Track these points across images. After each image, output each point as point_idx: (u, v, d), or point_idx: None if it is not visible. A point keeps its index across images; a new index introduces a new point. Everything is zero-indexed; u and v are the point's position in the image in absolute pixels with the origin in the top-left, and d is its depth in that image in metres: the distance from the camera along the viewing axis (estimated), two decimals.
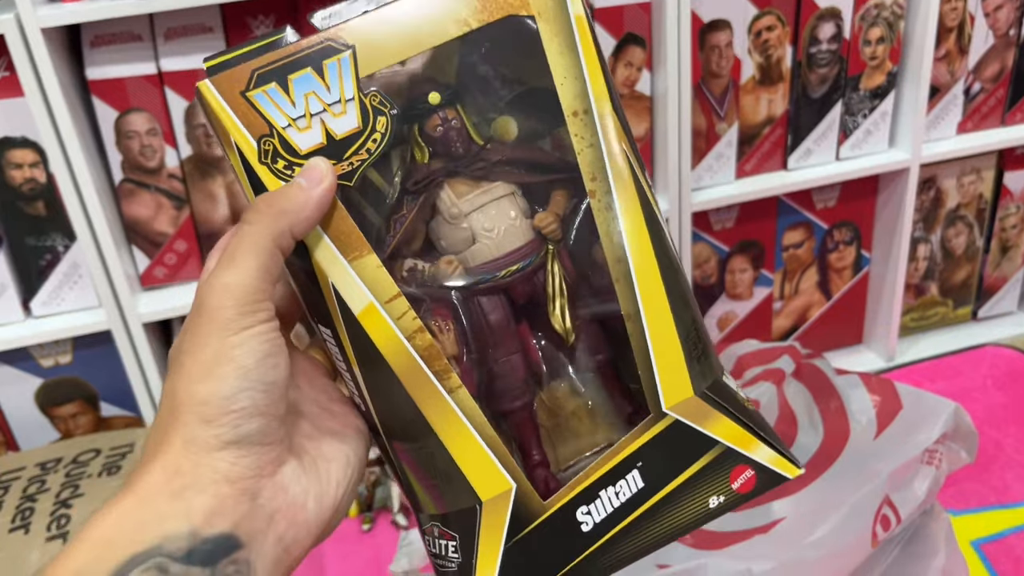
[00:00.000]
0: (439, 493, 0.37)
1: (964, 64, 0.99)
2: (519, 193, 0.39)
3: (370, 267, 0.35)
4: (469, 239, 0.38)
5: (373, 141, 0.35)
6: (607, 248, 0.37)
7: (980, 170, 1.06)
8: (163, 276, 0.86)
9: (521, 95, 0.38)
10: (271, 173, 0.35)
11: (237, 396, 0.32)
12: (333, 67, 0.35)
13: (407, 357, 0.35)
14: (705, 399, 0.37)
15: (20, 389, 0.87)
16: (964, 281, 1.13)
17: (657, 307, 0.37)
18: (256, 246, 0.33)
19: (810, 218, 1.03)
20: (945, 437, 0.67)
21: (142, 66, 0.78)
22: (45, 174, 0.79)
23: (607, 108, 0.37)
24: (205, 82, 0.34)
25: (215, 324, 0.32)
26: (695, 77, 0.89)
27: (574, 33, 0.36)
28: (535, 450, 0.40)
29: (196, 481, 0.32)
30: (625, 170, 0.37)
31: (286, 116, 0.34)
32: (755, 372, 0.77)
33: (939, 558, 0.67)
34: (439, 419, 0.35)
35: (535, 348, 0.40)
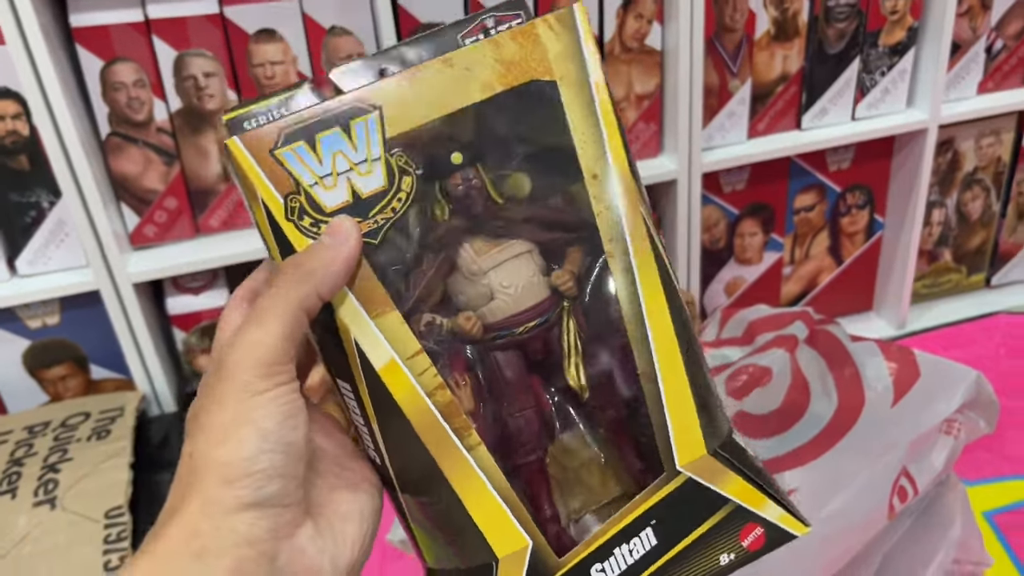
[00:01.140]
0: (455, 550, 0.37)
1: (987, 20, 0.95)
2: (536, 251, 0.40)
3: (393, 324, 0.36)
4: (488, 295, 0.39)
5: (398, 200, 0.36)
6: (625, 309, 0.38)
7: (999, 132, 1.03)
8: (153, 235, 0.83)
9: (536, 153, 0.39)
10: (297, 230, 0.35)
11: (258, 458, 0.32)
12: (360, 127, 0.36)
13: (427, 413, 0.36)
14: (717, 457, 0.38)
15: (7, 351, 0.85)
16: (979, 247, 1.10)
17: (672, 367, 0.38)
18: (282, 307, 0.34)
19: (823, 180, 1.00)
20: (965, 406, 0.64)
21: (128, 13, 0.75)
22: (28, 126, 0.76)
23: (626, 172, 0.38)
24: (234, 139, 0.35)
25: (235, 385, 0.33)
26: (708, 31, 0.86)
27: (594, 99, 0.38)
28: (546, 504, 0.40)
29: (215, 544, 0.31)
30: (643, 233, 0.38)
31: (313, 174, 0.35)
32: (767, 338, 0.75)
33: (955, 529, 0.66)
34: (457, 475, 0.36)
35: (548, 403, 0.41)
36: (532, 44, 0.37)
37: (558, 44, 0.38)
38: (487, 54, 0.37)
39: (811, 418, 0.67)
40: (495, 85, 0.37)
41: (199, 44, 0.77)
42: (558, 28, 0.38)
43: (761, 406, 0.69)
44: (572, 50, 0.38)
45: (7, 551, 0.68)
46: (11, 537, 0.69)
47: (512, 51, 0.37)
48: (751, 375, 0.70)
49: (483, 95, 0.37)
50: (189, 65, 0.77)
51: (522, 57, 0.37)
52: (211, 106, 0.79)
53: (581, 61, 0.38)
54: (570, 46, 0.38)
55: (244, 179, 0.35)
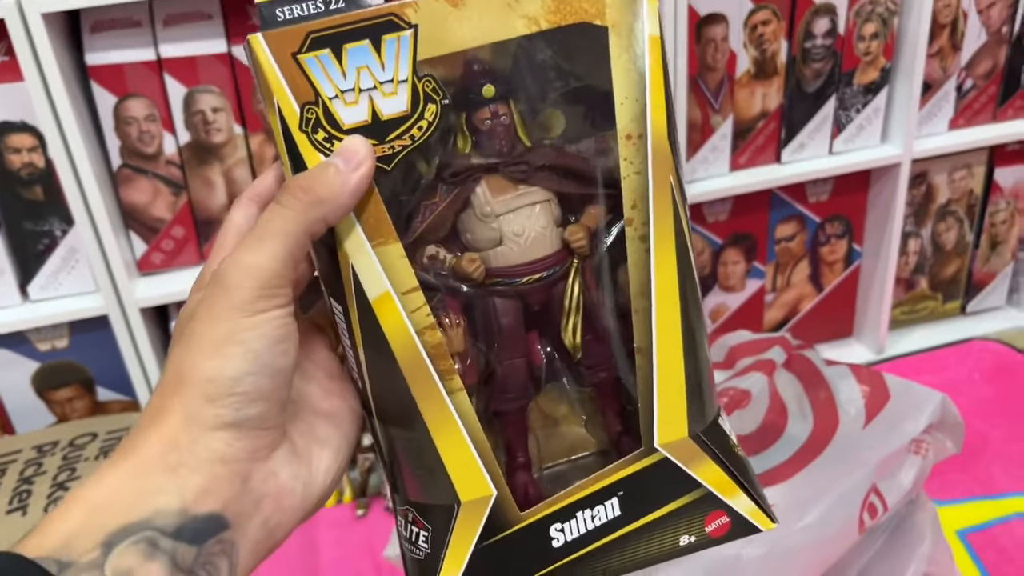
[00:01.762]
0: (420, 483, 0.37)
1: (957, 61, 0.99)
2: (555, 201, 0.38)
3: (393, 255, 0.35)
4: (496, 239, 0.37)
5: (419, 128, 0.34)
6: (633, 278, 0.36)
7: (971, 166, 1.07)
8: (160, 261, 0.86)
9: (576, 90, 0.37)
10: (309, 143, 0.34)
11: (243, 379, 0.32)
12: (392, 44, 0.33)
13: (414, 351, 0.35)
14: (697, 441, 0.37)
15: (16, 373, 0.88)
16: (954, 275, 1.14)
17: (670, 346, 0.37)
18: (285, 231, 0.33)
19: (803, 211, 1.04)
20: (932, 427, 0.68)
21: (141, 52, 0.79)
22: (44, 159, 0.79)
23: (663, 138, 0.36)
24: (257, 36, 0.33)
25: (231, 302, 0.32)
26: (691, 70, 0.90)
27: (645, 53, 0.35)
28: (520, 452, 0.40)
29: (191, 458, 0.32)
30: (668, 205, 0.36)
31: (335, 87, 0.33)
32: (747, 362, 0.78)
33: (925, 546, 0.69)
34: (434, 417, 0.36)
35: (540, 355, 0.40)
36: None
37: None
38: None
39: (788, 439, 0.71)
40: (541, 21, 0.34)
41: (208, 81, 0.81)
42: None
43: (741, 427, 0.73)
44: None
45: None
46: None
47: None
48: (731, 398, 0.74)
49: (527, 30, 0.34)
50: (198, 101, 0.81)
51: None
52: (218, 140, 0.83)
53: (638, 11, 0.35)
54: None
55: (262, 80, 0.33)
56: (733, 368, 0.80)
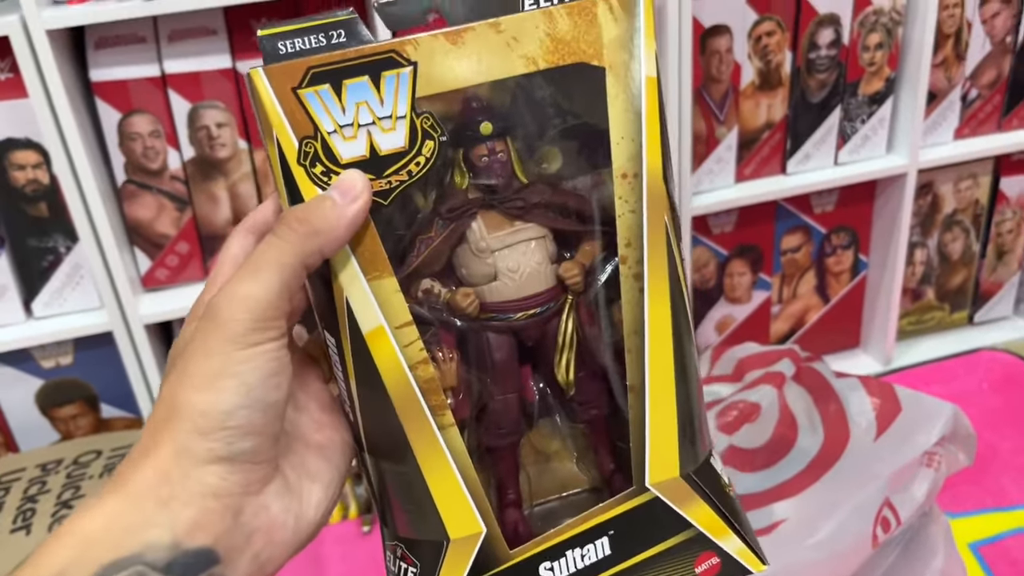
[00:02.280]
0: (409, 519, 0.37)
1: (961, 70, 0.99)
2: (550, 238, 0.38)
3: (387, 290, 0.35)
4: (491, 275, 0.38)
5: (416, 164, 0.35)
6: (627, 317, 0.36)
7: (977, 175, 1.07)
8: (165, 278, 0.86)
9: (573, 128, 0.37)
10: (307, 176, 0.34)
11: (235, 413, 0.32)
12: (391, 81, 0.34)
13: (406, 386, 0.35)
14: (689, 481, 0.37)
15: (20, 390, 0.87)
16: (960, 286, 1.14)
17: (662, 385, 0.37)
18: (281, 263, 0.33)
19: (808, 222, 1.04)
20: (944, 440, 0.67)
21: (145, 68, 0.78)
22: (48, 175, 0.79)
23: (658, 178, 0.36)
24: (258, 69, 0.33)
25: (225, 334, 0.32)
26: (695, 82, 0.90)
27: (642, 94, 0.36)
28: (511, 489, 0.40)
29: (183, 492, 0.32)
30: (662, 244, 0.36)
31: (333, 121, 0.34)
32: (756, 375, 0.78)
33: (938, 560, 0.68)
34: (425, 452, 0.36)
35: (533, 391, 0.40)
36: (588, 24, 0.35)
37: (615, 29, 0.35)
38: (539, 25, 0.34)
39: (799, 452, 0.70)
40: (539, 61, 0.35)
41: (212, 96, 0.81)
42: (619, 12, 0.35)
43: (751, 440, 0.72)
44: (628, 38, 0.35)
45: None
46: None
47: (565, 28, 0.35)
48: (741, 411, 0.73)
49: (526, 69, 0.35)
50: (202, 116, 0.81)
51: (574, 36, 0.35)
52: (222, 155, 0.83)
53: (635, 52, 0.35)
54: (627, 33, 0.35)
55: (262, 114, 0.33)
56: (742, 381, 0.79)
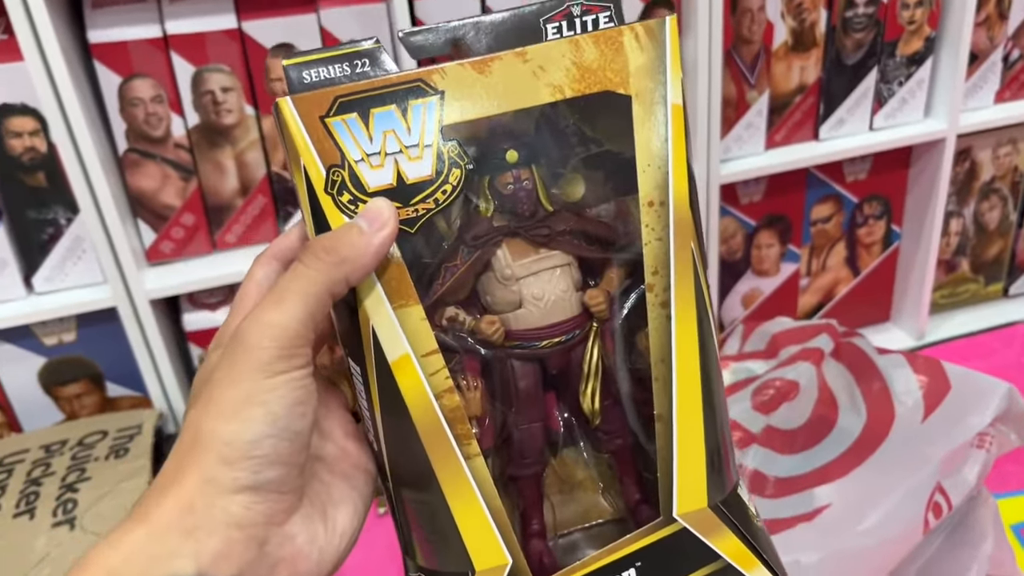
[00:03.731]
0: (434, 549, 0.36)
1: (1004, 30, 0.94)
2: (575, 265, 0.38)
3: (414, 318, 0.34)
4: (516, 302, 0.37)
5: (443, 192, 0.35)
6: (654, 345, 0.36)
7: (1016, 141, 1.02)
8: (170, 251, 0.82)
9: (597, 155, 0.37)
10: (334, 204, 0.34)
11: (261, 442, 0.32)
12: (418, 109, 0.34)
13: (432, 415, 0.35)
14: (717, 512, 0.37)
15: (22, 368, 0.84)
16: (996, 257, 1.10)
17: (690, 414, 0.36)
18: (307, 291, 0.33)
19: (840, 191, 1.00)
20: (997, 420, 0.64)
21: (146, 29, 0.74)
22: (46, 143, 0.75)
23: (684, 206, 0.36)
24: (285, 99, 0.33)
25: (252, 363, 0.32)
26: (726, 43, 0.85)
27: (668, 122, 0.36)
28: (535, 519, 0.40)
29: (208, 522, 0.31)
30: (689, 272, 0.36)
31: (361, 150, 0.34)
32: (791, 351, 0.74)
33: (987, 544, 0.65)
34: (450, 482, 0.35)
35: (557, 420, 0.40)
36: (614, 52, 0.35)
37: (641, 57, 0.35)
38: (565, 54, 0.35)
39: (840, 433, 0.67)
40: (566, 90, 0.35)
41: (217, 59, 0.76)
42: (645, 40, 0.35)
43: (789, 420, 0.69)
44: (655, 66, 0.36)
45: (26, 573, 0.67)
46: (30, 559, 0.68)
47: (592, 56, 0.35)
48: (778, 389, 0.69)
49: (552, 97, 0.35)
50: (207, 80, 0.77)
51: (600, 65, 0.35)
52: (228, 121, 0.79)
53: (662, 80, 0.36)
54: (653, 62, 0.36)
55: (290, 142, 0.34)
56: (777, 357, 0.76)
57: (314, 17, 0.77)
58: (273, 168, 0.82)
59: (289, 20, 0.77)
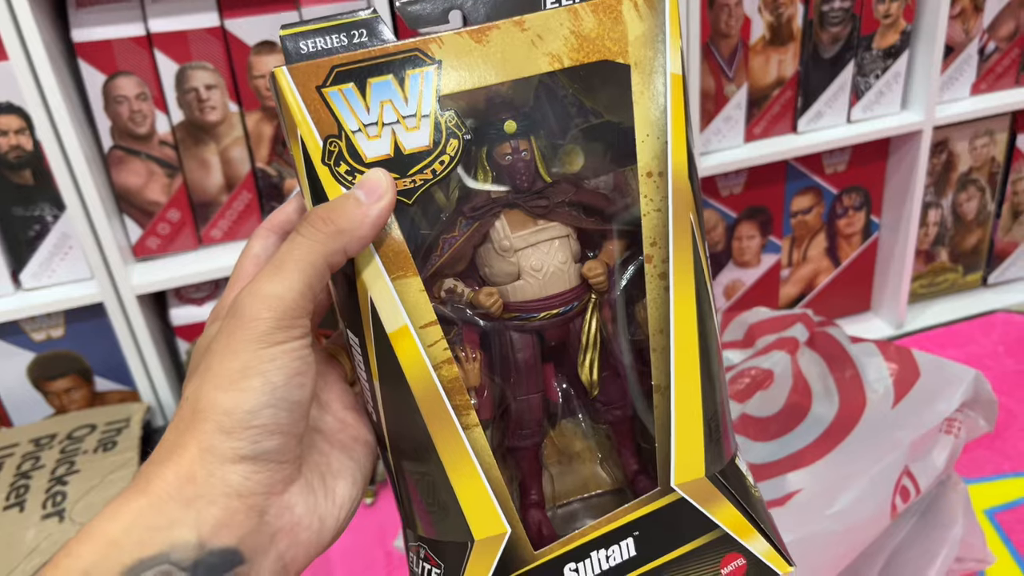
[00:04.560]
0: (433, 520, 0.37)
1: (979, 22, 0.96)
2: (573, 236, 0.38)
3: (412, 289, 0.34)
4: (514, 274, 0.37)
5: (440, 163, 0.35)
6: (652, 316, 0.36)
7: (993, 132, 1.04)
8: (156, 246, 0.84)
9: (596, 126, 0.37)
10: (331, 175, 0.34)
11: (260, 412, 0.32)
12: (416, 79, 0.34)
13: (430, 385, 0.35)
14: (714, 482, 0.37)
15: (12, 364, 0.85)
16: (975, 247, 1.11)
17: (688, 384, 0.36)
18: (305, 261, 0.33)
19: (819, 183, 1.01)
20: (965, 405, 0.65)
21: (130, 27, 0.75)
22: (32, 141, 0.76)
23: (683, 176, 0.36)
24: (282, 68, 0.33)
25: (250, 334, 0.32)
26: (703, 37, 0.86)
27: (667, 92, 0.35)
28: (534, 490, 0.40)
29: (208, 491, 0.31)
30: (688, 242, 0.36)
31: (358, 120, 0.34)
32: (768, 340, 0.75)
33: (957, 528, 0.66)
34: (449, 452, 0.35)
35: (556, 391, 0.40)
36: (612, 21, 0.35)
37: (640, 26, 0.35)
38: (563, 23, 0.34)
39: (813, 420, 0.68)
40: (564, 59, 0.34)
41: (200, 57, 0.77)
42: (644, 9, 0.35)
43: (764, 409, 0.70)
44: (653, 35, 0.35)
45: (16, 564, 0.68)
46: (20, 551, 0.69)
47: (590, 25, 0.35)
48: (753, 378, 0.71)
49: (550, 67, 0.34)
50: (191, 78, 0.78)
51: (599, 34, 0.35)
52: (212, 118, 0.80)
53: (661, 49, 0.35)
54: (652, 30, 0.35)
55: (286, 112, 0.34)
56: (753, 347, 0.77)
57: (296, 15, 0.78)
58: (257, 164, 0.83)
59: (271, 18, 0.78)
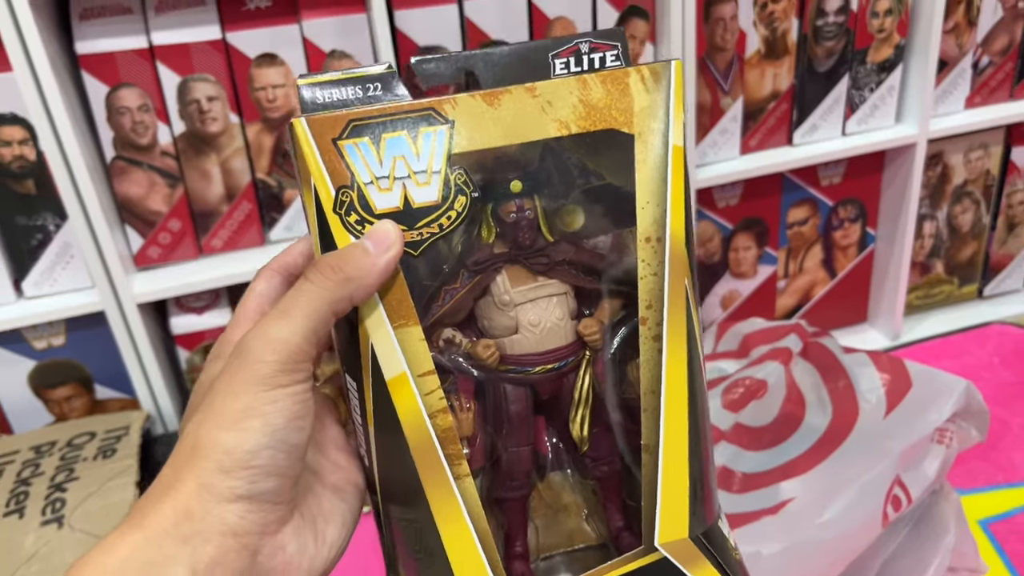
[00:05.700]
0: (418, 567, 0.37)
1: (973, 37, 0.97)
2: (571, 294, 0.39)
3: (413, 338, 0.35)
4: (512, 328, 0.38)
5: (447, 218, 0.36)
6: (644, 376, 0.37)
7: (988, 145, 1.04)
8: (157, 256, 0.84)
9: (597, 188, 0.38)
10: (341, 225, 0.35)
11: (260, 453, 0.32)
12: (428, 137, 0.35)
13: (425, 434, 0.35)
14: (697, 543, 0.37)
15: (13, 372, 0.86)
16: (970, 259, 1.12)
17: (676, 446, 0.37)
18: (311, 307, 0.33)
19: (815, 195, 1.02)
20: (956, 416, 0.66)
21: (133, 40, 0.76)
22: (35, 151, 0.77)
23: (680, 243, 0.37)
24: (300, 119, 0.34)
25: (254, 375, 0.33)
26: (699, 50, 0.87)
27: (668, 162, 0.37)
28: (519, 541, 0.40)
29: (204, 528, 0.32)
30: (682, 307, 0.37)
31: (370, 173, 0.35)
32: (762, 351, 0.76)
33: (949, 537, 0.67)
34: (439, 501, 0.36)
35: (546, 444, 0.41)
36: (620, 93, 0.36)
37: (646, 99, 0.37)
38: (572, 92, 0.36)
39: (807, 429, 0.69)
40: (572, 126, 0.36)
41: (202, 69, 0.78)
42: (650, 82, 0.37)
43: (757, 418, 0.71)
44: (658, 108, 0.37)
45: (15, 570, 0.69)
46: (19, 556, 0.70)
47: (598, 95, 0.36)
48: (747, 388, 0.71)
49: (558, 133, 0.36)
50: (192, 90, 0.79)
51: (606, 104, 0.36)
52: (214, 129, 0.81)
53: (665, 121, 0.37)
54: (657, 104, 0.37)
55: (301, 162, 0.34)
56: (748, 357, 0.78)
57: (296, 28, 0.79)
58: (258, 175, 0.84)
59: (272, 31, 0.79)
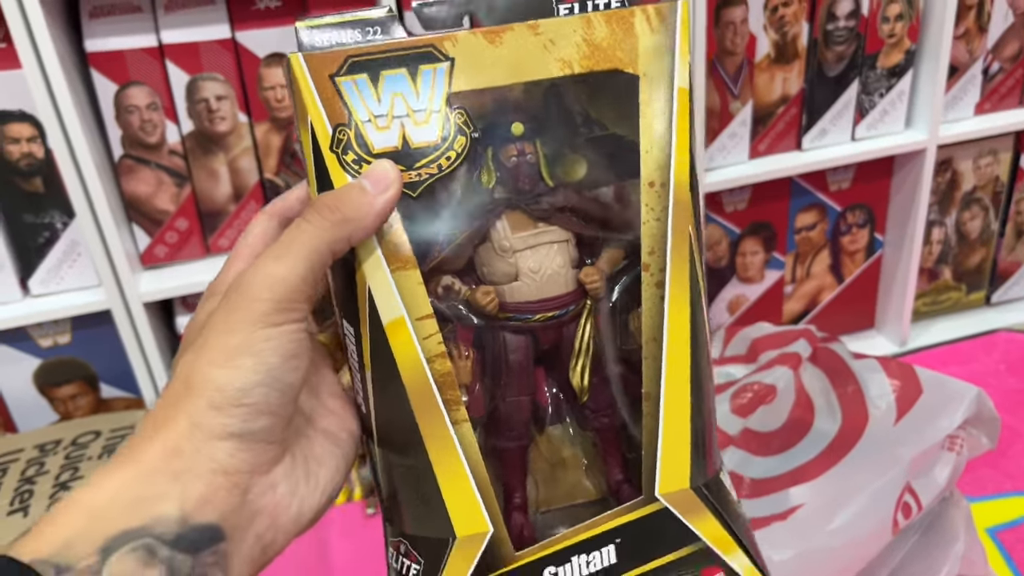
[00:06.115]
0: (415, 515, 0.36)
1: (983, 43, 0.96)
2: (572, 242, 0.39)
3: (411, 282, 0.35)
4: (512, 274, 0.38)
5: (447, 158, 0.35)
6: (646, 324, 0.36)
7: (997, 152, 1.04)
8: (164, 255, 0.84)
9: (600, 138, 0.37)
10: (338, 163, 0.34)
11: (252, 391, 0.32)
12: (428, 75, 0.34)
13: (422, 378, 0.35)
14: (699, 494, 0.37)
15: (18, 370, 0.86)
16: (978, 265, 1.11)
17: (678, 394, 0.36)
18: (309, 247, 0.33)
19: (823, 200, 1.01)
20: (967, 423, 0.65)
21: (142, 38, 0.76)
22: (43, 149, 0.77)
23: (685, 188, 0.36)
24: (297, 54, 0.33)
25: (249, 313, 0.32)
26: (709, 54, 0.87)
27: (673, 104, 0.36)
28: (518, 492, 0.40)
29: (194, 466, 0.32)
30: (685, 254, 0.36)
31: (368, 111, 0.34)
32: (770, 356, 0.76)
33: (958, 545, 0.66)
34: (436, 446, 0.35)
35: (546, 394, 0.40)
36: (624, 32, 0.35)
37: (651, 38, 0.36)
38: (576, 30, 0.35)
39: (816, 435, 0.68)
40: (575, 65, 0.35)
41: (211, 68, 0.78)
42: (655, 22, 0.36)
43: (766, 423, 0.70)
44: (663, 48, 0.36)
45: None
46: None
47: (602, 34, 0.35)
48: (756, 393, 0.71)
49: (560, 72, 0.35)
50: (201, 89, 0.79)
51: (611, 43, 0.35)
52: (222, 128, 0.81)
53: (670, 61, 0.36)
54: (663, 43, 0.36)
55: (298, 98, 0.34)
56: (756, 361, 0.77)
57: None
58: (266, 175, 0.84)
59: (281, 31, 0.78)
